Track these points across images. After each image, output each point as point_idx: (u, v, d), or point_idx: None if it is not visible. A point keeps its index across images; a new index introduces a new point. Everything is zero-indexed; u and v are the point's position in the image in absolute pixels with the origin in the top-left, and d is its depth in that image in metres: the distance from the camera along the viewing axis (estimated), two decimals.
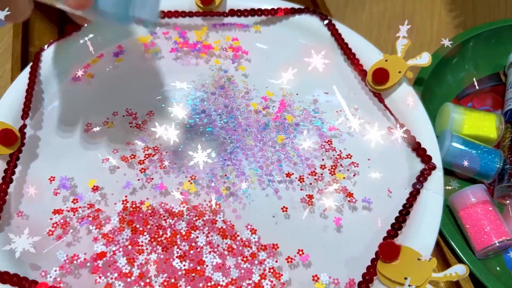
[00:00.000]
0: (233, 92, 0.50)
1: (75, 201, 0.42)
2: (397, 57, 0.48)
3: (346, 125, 0.48)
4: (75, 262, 0.38)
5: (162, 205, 0.42)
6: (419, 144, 0.44)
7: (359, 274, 0.38)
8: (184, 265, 0.38)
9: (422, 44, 0.64)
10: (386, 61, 0.48)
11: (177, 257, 0.39)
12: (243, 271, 0.38)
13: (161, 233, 0.40)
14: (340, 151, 0.46)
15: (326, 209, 0.43)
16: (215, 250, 0.39)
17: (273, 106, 0.49)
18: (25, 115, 0.45)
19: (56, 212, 0.41)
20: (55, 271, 0.38)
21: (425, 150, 0.43)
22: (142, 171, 0.44)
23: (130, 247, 0.39)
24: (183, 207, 0.42)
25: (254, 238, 0.40)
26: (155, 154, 0.45)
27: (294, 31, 0.54)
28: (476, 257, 0.43)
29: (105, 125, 0.47)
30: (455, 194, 0.46)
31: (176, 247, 0.39)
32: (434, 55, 0.53)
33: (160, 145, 0.46)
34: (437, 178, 0.42)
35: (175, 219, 0.41)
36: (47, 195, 0.42)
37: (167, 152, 0.45)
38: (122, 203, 0.42)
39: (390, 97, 0.48)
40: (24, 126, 0.44)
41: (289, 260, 0.39)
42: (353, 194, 0.44)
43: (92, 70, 0.51)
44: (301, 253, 0.40)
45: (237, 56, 0.53)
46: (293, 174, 0.45)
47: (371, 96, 0.49)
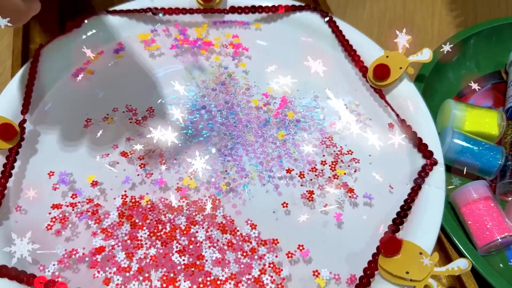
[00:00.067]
0: (233, 88, 0.50)
1: (74, 196, 0.41)
2: (398, 53, 0.48)
3: (347, 122, 0.48)
4: (73, 256, 0.38)
5: (161, 200, 0.42)
6: (421, 139, 0.44)
7: (360, 269, 0.38)
8: (183, 260, 0.38)
9: (423, 42, 0.64)
10: (387, 57, 0.48)
11: (176, 252, 0.38)
12: (242, 266, 0.38)
13: (160, 227, 0.40)
14: (341, 147, 0.46)
15: (326, 205, 0.43)
16: (215, 245, 0.39)
17: (274, 102, 0.49)
18: (25, 110, 0.45)
19: (55, 207, 0.41)
20: (54, 265, 0.37)
21: (426, 145, 0.43)
22: (141, 166, 0.44)
23: (129, 242, 0.39)
24: (183, 202, 0.41)
25: (254, 233, 0.40)
26: (155, 149, 0.45)
27: (294, 28, 0.54)
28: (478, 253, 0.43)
29: (104, 120, 0.47)
30: (456, 190, 0.46)
31: (175, 241, 0.39)
32: (435, 52, 0.53)
33: (160, 140, 0.46)
34: (439, 173, 0.42)
35: (175, 214, 0.41)
36: (46, 190, 0.42)
37: (167, 147, 0.45)
38: (121, 198, 0.41)
39: (391, 93, 0.48)
40: (23, 121, 0.44)
41: (289, 255, 0.39)
42: (354, 190, 0.43)
43: (92, 66, 0.51)
44: (301, 248, 0.39)
45: (237, 53, 0.53)
46: (293, 170, 0.44)
47: (372, 92, 0.49)
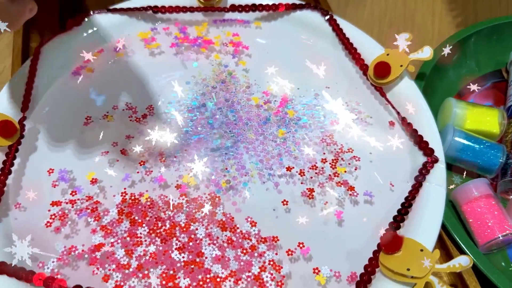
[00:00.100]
0: (234, 86, 0.50)
1: (73, 193, 0.41)
2: (399, 51, 0.48)
3: (347, 120, 0.48)
4: (72, 253, 0.38)
5: (161, 197, 0.41)
6: (421, 137, 0.43)
7: (361, 267, 0.37)
8: (183, 257, 0.38)
9: (423, 41, 0.64)
10: (387, 55, 0.48)
11: (176, 249, 0.38)
12: (242, 263, 0.38)
13: (160, 225, 0.39)
14: (341, 145, 0.46)
15: (327, 203, 0.42)
16: (215, 242, 0.39)
17: (275, 100, 0.49)
18: (24, 108, 0.45)
19: (54, 204, 0.40)
20: (53, 262, 0.37)
21: (427, 143, 0.43)
22: (141, 163, 0.44)
23: (128, 239, 0.39)
24: (183, 200, 0.41)
25: (254, 230, 0.40)
26: (154, 147, 0.45)
27: (295, 27, 0.54)
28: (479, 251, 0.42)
29: (104, 118, 0.47)
30: (457, 188, 0.45)
31: (175, 239, 0.39)
32: (435, 51, 0.53)
33: (159, 138, 0.46)
34: (440, 170, 0.41)
35: (175, 211, 0.40)
36: (45, 187, 0.42)
37: (166, 145, 0.45)
38: (121, 195, 0.41)
39: (391, 91, 0.48)
40: (23, 118, 0.44)
41: (290, 253, 0.39)
42: (354, 187, 0.43)
43: (92, 65, 0.51)
44: (301, 246, 0.39)
45: (237, 51, 0.53)
46: (293, 168, 0.44)
47: (372, 90, 0.49)
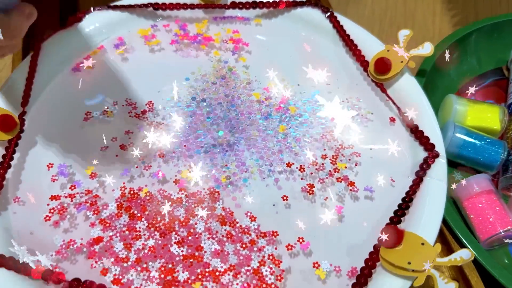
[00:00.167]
0: (234, 82, 0.50)
1: (72, 188, 0.41)
2: (399, 47, 0.48)
3: (348, 116, 0.47)
4: (71, 247, 0.37)
5: (160, 192, 0.41)
6: (422, 132, 0.43)
7: (361, 262, 0.37)
8: (182, 251, 0.37)
9: (424, 40, 0.63)
10: (388, 51, 0.48)
11: (175, 243, 0.38)
12: (241, 258, 0.37)
13: (159, 219, 0.39)
14: (342, 141, 0.46)
15: (327, 198, 0.42)
16: (214, 236, 0.39)
17: (276, 97, 0.49)
18: (24, 103, 0.45)
19: (53, 198, 0.40)
20: (51, 255, 0.37)
21: (428, 138, 0.43)
22: (140, 159, 0.44)
23: (127, 233, 0.38)
24: (182, 194, 0.41)
25: (253, 225, 0.40)
26: (154, 143, 0.45)
27: (295, 24, 0.54)
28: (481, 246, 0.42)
29: (104, 114, 0.47)
30: (458, 183, 0.45)
31: (174, 233, 0.38)
32: (436, 48, 0.53)
33: (159, 134, 0.45)
34: (440, 165, 0.41)
35: (174, 205, 0.40)
36: (44, 181, 0.42)
37: (166, 140, 0.45)
38: (120, 190, 0.41)
39: (392, 87, 0.47)
40: (23, 113, 0.44)
41: (289, 247, 0.39)
42: (354, 183, 0.43)
43: (92, 61, 0.51)
44: (301, 241, 0.39)
45: (237, 48, 0.53)
46: (293, 164, 0.44)
47: (373, 86, 0.49)
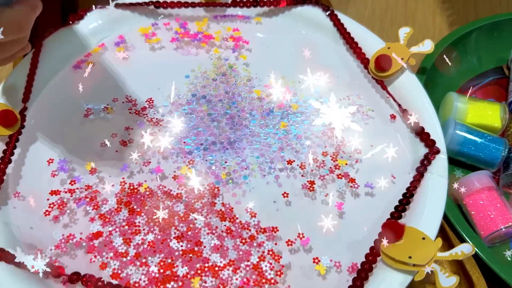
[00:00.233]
0: (234, 79, 0.50)
1: (72, 183, 0.41)
2: (400, 45, 0.48)
3: (349, 113, 0.47)
4: (70, 241, 0.37)
5: (160, 187, 0.41)
6: (423, 128, 0.43)
7: (362, 258, 0.37)
8: (181, 246, 0.37)
9: (424, 39, 0.64)
10: (388, 48, 0.48)
11: (174, 238, 0.38)
12: (241, 253, 0.37)
13: (161, 209, 0.39)
14: (342, 138, 0.46)
15: (327, 195, 0.42)
16: (214, 231, 0.38)
17: (277, 94, 0.49)
18: (25, 99, 0.45)
19: (53, 193, 0.40)
20: (51, 250, 0.37)
21: (428, 134, 0.43)
22: (140, 155, 0.43)
23: (127, 228, 0.38)
24: (182, 190, 0.41)
25: (253, 221, 0.39)
26: (153, 139, 0.45)
27: (296, 22, 0.54)
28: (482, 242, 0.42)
29: (104, 110, 0.47)
30: (459, 180, 0.45)
31: (173, 228, 0.38)
32: (437, 46, 0.53)
33: (159, 130, 0.46)
34: (441, 161, 0.41)
35: (173, 201, 0.40)
36: (45, 177, 0.42)
37: (166, 137, 0.45)
38: (120, 185, 0.41)
39: (393, 84, 0.47)
40: (24, 109, 0.44)
41: (289, 243, 0.38)
42: (355, 179, 0.43)
43: (93, 58, 0.51)
44: (301, 237, 0.39)
45: (237, 45, 0.53)
46: (294, 161, 0.44)
47: (374, 84, 0.49)
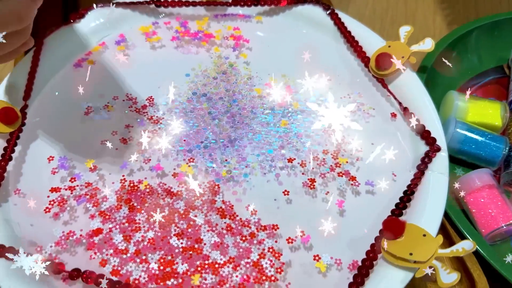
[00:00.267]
0: (235, 77, 0.50)
1: (73, 180, 0.41)
2: (400, 43, 0.48)
3: (349, 111, 0.47)
4: (70, 238, 0.37)
5: (160, 184, 0.41)
6: (423, 126, 0.43)
7: (362, 256, 0.37)
8: (181, 243, 0.37)
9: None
10: (389, 47, 0.48)
11: (174, 235, 0.38)
12: (241, 250, 0.37)
13: (159, 211, 0.39)
14: (343, 136, 0.46)
15: (328, 193, 0.42)
16: (214, 229, 0.38)
17: (277, 92, 0.49)
18: (26, 97, 0.45)
19: (53, 190, 0.40)
20: (51, 247, 0.37)
21: (429, 132, 0.43)
22: (140, 152, 0.43)
23: (127, 225, 0.38)
24: (182, 187, 0.41)
25: (254, 218, 0.39)
26: (153, 137, 0.45)
27: (296, 21, 0.54)
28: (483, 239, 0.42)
29: (105, 108, 0.47)
30: (460, 178, 0.45)
31: (173, 225, 0.38)
32: (437, 45, 0.53)
33: (159, 128, 0.46)
34: (442, 159, 0.41)
35: (174, 198, 0.40)
36: (45, 174, 0.42)
37: (166, 135, 0.45)
38: (120, 182, 0.41)
39: (393, 82, 0.47)
40: (25, 106, 0.44)
41: (290, 241, 0.38)
42: (356, 177, 0.43)
43: (93, 57, 0.51)
44: (302, 234, 0.39)
45: (238, 44, 0.53)
46: (295, 159, 0.44)
47: (374, 82, 0.49)
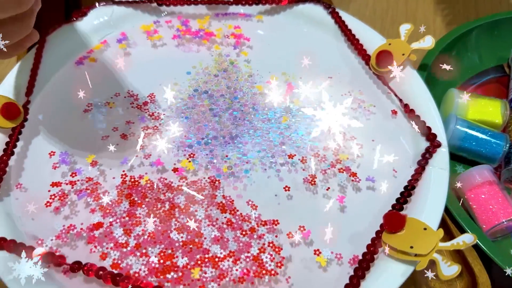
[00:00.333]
0: (236, 75, 0.50)
1: (73, 175, 0.41)
2: (401, 41, 0.48)
3: (350, 108, 0.47)
4: (71, 232, 0.37)
5: (161, 179, 0.41)
6: (424, 122, 0.43)
7: (363, 250, 0.37)
8: (181, 237, 0.37)
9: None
10: (389, 44, 0.48)
11: (174, 229, 0.38)
12: (241, 244, 0.37)
13: (159, 206, 0.39)
14: (344, 133, 0.46)
15: (329, 188, 0.42)
16: (214, 223, 0.38)
17: (278, 90, 0.49)
18: (29, 93, 0.45)
19: (54, 184, 0.40)
20: (52, 240, 0.37)
21: (430, 128, 0.43)
22: (141, 148, 0.44)
23: (127, 219, 0.38)
24: (183, 182, 0.41)
25: (254, 213, 0.39)
26: (154, 133, 0.45)
27: (297, 20, 0.55)
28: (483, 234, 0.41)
29: (106, 105, 0.47)
30: (460, 175, 0.45)
31: (174, 219, 0.38)
32: (437, 43, 0.53)
33: (160, 124, 0.46)
34: (442, 154, 0.41)
35: (174, 193, 0.40)
36: (46, 169, 0.42)
37: (166, 131, 0.45)
38: (120, 178, 0.41)
39: (394, 80, 0.47)
40: (27, 102, 0.44)
41: (290, 235, 0.38)
42: (356, 174, 0.43)
43: (95, 55, 0.51)
44: (302, 229, 0.39)
45: (239, 42, 0.53)
46: (295, 155, 0.44)
47: (375, 79, 0.49)
